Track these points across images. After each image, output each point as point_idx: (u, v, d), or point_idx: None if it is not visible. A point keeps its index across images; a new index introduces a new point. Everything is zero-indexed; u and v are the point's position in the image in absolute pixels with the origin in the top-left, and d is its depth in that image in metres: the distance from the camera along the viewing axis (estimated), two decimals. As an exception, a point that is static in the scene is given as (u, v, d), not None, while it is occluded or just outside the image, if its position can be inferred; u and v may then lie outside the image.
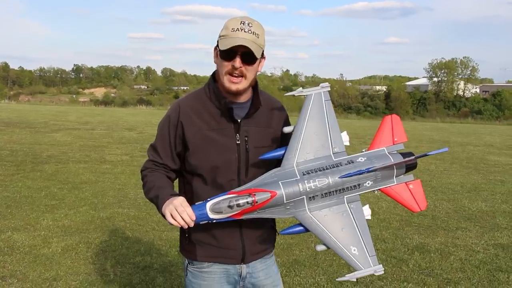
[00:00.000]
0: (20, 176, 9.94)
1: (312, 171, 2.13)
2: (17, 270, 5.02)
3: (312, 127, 2.23)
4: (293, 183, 2.08)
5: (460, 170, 13.04)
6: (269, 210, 2.09)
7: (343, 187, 2.14)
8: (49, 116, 29.06)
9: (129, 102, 69.58)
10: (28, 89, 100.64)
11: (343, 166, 2.17)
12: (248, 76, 2.16)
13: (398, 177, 2.26)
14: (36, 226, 6.55)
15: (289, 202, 2.08)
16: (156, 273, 5.06)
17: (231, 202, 2.02)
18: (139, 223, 6.85)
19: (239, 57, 2.09)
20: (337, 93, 72.87)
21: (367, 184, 2.19)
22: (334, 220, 2.13)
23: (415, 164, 2.32)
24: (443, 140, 22.66)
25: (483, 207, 8.57)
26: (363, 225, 2.16)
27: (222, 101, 2.21)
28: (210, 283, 2.32)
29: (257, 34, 2.11)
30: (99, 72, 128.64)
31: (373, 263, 2.10)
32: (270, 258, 2.47)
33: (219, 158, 2.21)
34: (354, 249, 2.10)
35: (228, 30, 2.09)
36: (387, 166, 2.20)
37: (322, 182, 2.10)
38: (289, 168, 2.14)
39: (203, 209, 2.03)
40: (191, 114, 2.23)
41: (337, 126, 2.27)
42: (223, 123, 2.23)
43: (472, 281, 5.04)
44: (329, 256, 5.65)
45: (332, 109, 2.30)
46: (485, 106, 62.33)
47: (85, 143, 16.21)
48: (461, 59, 74.06)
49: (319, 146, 2.22)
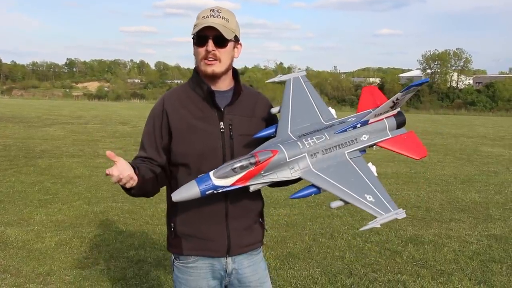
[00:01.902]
0: (13, 171, 9.89)
1: (308, 133, 2.19)
2: (10, 265, 4.99)
3: (298, 103, 2.37)
4: (292, 143, 2.11)
5: (454, 162, 13.11)
6: (274, 172, 2.07)
7: (341, 143, 2.18)
8: (43, 111, 28.93)
9: (122, 96, 69.33)
10: (21, 83, 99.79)
11: (335, 125, 2.25)
12: (223, 60, 2.23)
13: (391, 132, 2.31)
14: (29, 221, 6.52)
15: (292, 161, 2.08)
16: (150, 267, 5.05)
17: (234, 165, 1.99)
18: (133, 217, 6.84)
19: (211, 40, 2.18)
20: (331, 85, 72.78)
21: (364, 138, 2.24)
22: (341, 173, 2.12)
23: (404, 120, 2.36)
24: (436, 132, 22.76)
25: (476, 198, 8.61)
26: (371, 175, 2.15)
27: (203, 87, 2.27)
28: (196, 278, 2.32)
29: (227, 19, 2.21)
30: (92, 66, 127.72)
31: (393, 208, 2.05)
32: (257, 255, 2.45)
33: (204, 146, 2.23)
34: (369, 197, 2.06)
35: (199, 19, 2.22)
36: (378, 119, 2.25)
37: (319, 139, 2.15)
38: (284, 136, 2.20)
39: (207, 179, 1.98)
40: (176, 103, 2.29)
41: (321, 100, 2.41)
42: (207, 111, 2.27)
43: (465, 272, 5.07)
44: (323, 249, 5.66)
45: (313, 88, 2.46)
46: (479, 97, 62.43)
47: (78, 137, 16.15)
48: (454, 51, 74.12)
49: (308, 116, 2.32)
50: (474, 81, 77.11)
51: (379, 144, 2.30)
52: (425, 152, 2.34)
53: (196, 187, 1.98)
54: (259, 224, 2.45)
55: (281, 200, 7.86)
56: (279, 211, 7.30)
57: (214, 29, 2.16)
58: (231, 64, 2.31)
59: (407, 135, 2.35)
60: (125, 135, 16.99)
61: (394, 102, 2.21)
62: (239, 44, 2.33)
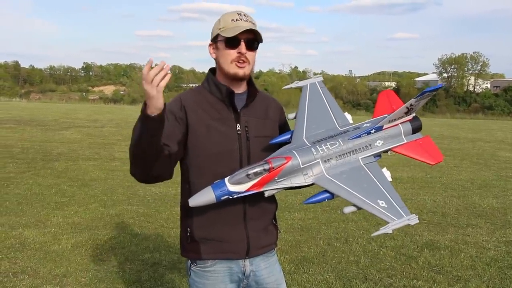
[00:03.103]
0: (31, 174, 10.03)
1: (322, 139, 2.22)
2: (28, 266, 5.06)
3: (314, 109, 2.40)
4: (306, 149, 2.14)
5: (471, 167, 12.95)
6: (288, 178, 2.09)
7: (355, 149, 2.20)
8: (59, 114, 29.28)
9: (138, 100, 69.76)
10: (38, 87, 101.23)
11: (350, 131, 2.27)
12: (251, 62, 2.26)
13: (406, 137, 2.31)
14: (46, 223, 6.60)
15: (306, 167, 2.11)
16: (164, 270, 5.07)
17: (249, 171, 2.03)
18: (148, 220, 6.88)
19: (243, 42, 2.19)
20: (346, 89, 72.57)
21: (378, 144, 2.25)
22: (354, 179, 2.14)
23: (420, 125, 2.35)
24: (453, 136, 22.51)
25: (494, 203, 8.50)
26: (385, 181, 2.16)
27: (223, 89, 2.27)
28: (214, 282, 2.30)
29: (254, 24, 2.24)
30: (108, 70, 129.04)
31: (405, 213, 2.05)
32: (272, 257, 2.47)
33: (221, 147, 2.23)
34: (382, 202, 2.07)
35: (227, 22, 2.21)
36: (393, 124, 2.26)
37: (333, 145, 2.17)
38: (299, 141, 2.23)
39: (222, 185, 2.03)
40: (193, 104, 2.27)
41: (337, 106, 2.44)
42: (224, 112, 2.28)
43: (483, 279, 5.00)
44: (337, 253, 5.64)
45: (330, 94, 2.49)
46: (496, 101, 61.64)
47: (94, 140, 16.31)
48: (471, 54, 73.34)
49: (324, 122, 2.34)
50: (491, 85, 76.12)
51: (394, 149, 2.30)
52: (441, 157, 2.33)
53: (211, 193, 2.02)
54: (273, 226, 2.46)
55: (296, 204, 7.85)
56: (293, 215, 7.28)
57: (246, 32, 2.18)
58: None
59: (422, 140, 2.34)
60: (141, 139, 17.12)
61: (408, 108, 2.20)
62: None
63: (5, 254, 5.36)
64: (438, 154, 2.33)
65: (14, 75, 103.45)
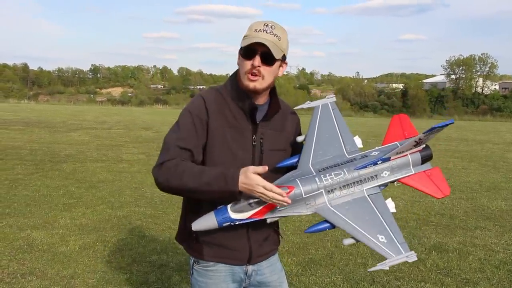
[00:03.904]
0: (39, 175, 10.08)
1: (328, 167, 2.18)
2: (36, 267, 5.08)
3: (323, 132, 2.33)
4: (310, 179, 2.11)
5: (479, 169, 12.87)
6: (290, 207, 2.08)
7: (360, 179, 2.16)
8: (67, 116, 29.43)
9: (145, 102, 70.12)
10: (47, 89, 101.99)
11: (357, 160, 2.21)
12: (266, 77, 2.17)
13: (415, 167, 2.26)
14: (54, 224, 6.63)
15: (309, 197, 2.09)
16: (172, 272, 5.08)
17: (251, 199, 2.03)
18: (155, 221, 6.89)
19: (258, 56, 2.13)
20: (354, 91, 72.43)
21: (384, 175, 2.20)
22: (356, 211, 2.12)
23: (431, 154, 2.29)
24: (461, 138, 22.39)
25: (502, 206, 8.44)
26: (387, 214, 2.13)
27: (246, 102, 2.21)
28: (216, 282, 2.32)
29: (279, 37, 2.15)
30: (116, 72, 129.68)
31: (404, 250, 2.05)
32: (274, 256, 2.49)
33: (234, 157, 2.20)
34: (381, 237, 2.06)
35: (251, 31, 2.16)
36: (401, 155, 2.21)
37: (338, 175, 2.13)
38: (304, 168, 2.19)
39: (225, 212, 2.05)
40: (215, 107, 2.20)
41: (347, 129, 2.37)
42: (243, 122, 2.23)
43: (491, 282, 4.96)
44: (345, 256, 5.62)
45: (341, 116, 2.41)
46: (505, 103, 61.31)
47: (102, 142, 16.37)
48: (479, 56, 73.12)
49: (332, 147, 2.30)
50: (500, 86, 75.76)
51: (401, 180, 2.26)
52: (448, 190, 2.29)
53: (214, 219, 2.07)
54: (275, 231, 2.47)
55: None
56: (301, 217, 7.27)
57: (264, 45, 2.10)
58: (273, 82, 2.27)
59: (431, 171, 2.29)
60: (148, 140, 17.15)
61: (416, 142, 2.17)
62: (285, 63, 2.29)
63: (13, 255, 5.39)
64: (445, 187, 2.28)
65: (22, 77, 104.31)
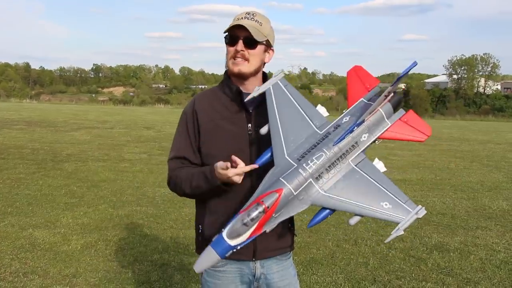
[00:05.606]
0: (41, 175, 10.10)
1: (306, 152, 2.07)
2: (38, 266, 5.10)
3: (285, 116, 2.20)
4: (293, 172, 2.01)
5: (481, 168, 12.86)
6: (285, 209, 2.00)
7: (343, 152, 2.07)
8: (69, 115, 29.48)
9: (147, 101, 70.14)
10: (48, 88, 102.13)
11: (331, 134, 2.12)
12: (251, 61, 2.27)
13: (389, 118, 2.19)
14: (56, 223, 6.64)
15: (300, 192, 2.00)
16: (173, 271, 5.09)
17: (244, 219, 1.94)
18: (157, 221, 6.90)
19: (241, 40, 2.24)
20: (355, 91, 72.26)
21: (364, 138, 2.12)
22: (351, 187, 2.05)
23: (400, 99, 2.25)
24: (463, 138, 22.38)
25: (504, 206, 8.43)
26: (382, 178, 2.08)
27: (232, 87, 2.31)
28: (225, 282, 2.33)
29: (260, 22, 2.27)
30: (118, 71, 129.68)
31: (411, 208, 1.98)
32: (287, 260, 2.44)
33: (231, 147, 2.23)
34: (385, 204, 2.00)
35: (234, 21, 2.29)
36: (372, 112, 2.13)
37: (320, 158, 2.03)
38: (283, 162, 2.08)
39: (222, 242, 1.95)
40: (205, 104, 2.35)
41: (308, 103, 2.26)
42: (235, 112, 2.31)
43: (492, 281, 4.96)
44: (346, 255, 5.62)
45: (296, 91, 2.30)
46: (507, 103, 61.21)
47: (104, 141, 16.39)
48: (481, 56, 72.99)
49: (301, 129, 2.18)
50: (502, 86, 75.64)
51: (381, 137, 2.18)
52: (429, 130, 2.20)
53: (214, 254, 1.96)
54: (288, 229, 2.43)
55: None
56: (302, 216, 7.26)
57: (246, 30, 2.21)
58: (260, 67, 2.34)
59: (407, 116, 2.21)
60: (150, 140, 17.15)
61: (386, 96, 2.15)
62: (271, 49, 2.37)
63: (15, 254, 5.41)
64: (425, 127, 2.20)
65: (24, 76, 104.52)
